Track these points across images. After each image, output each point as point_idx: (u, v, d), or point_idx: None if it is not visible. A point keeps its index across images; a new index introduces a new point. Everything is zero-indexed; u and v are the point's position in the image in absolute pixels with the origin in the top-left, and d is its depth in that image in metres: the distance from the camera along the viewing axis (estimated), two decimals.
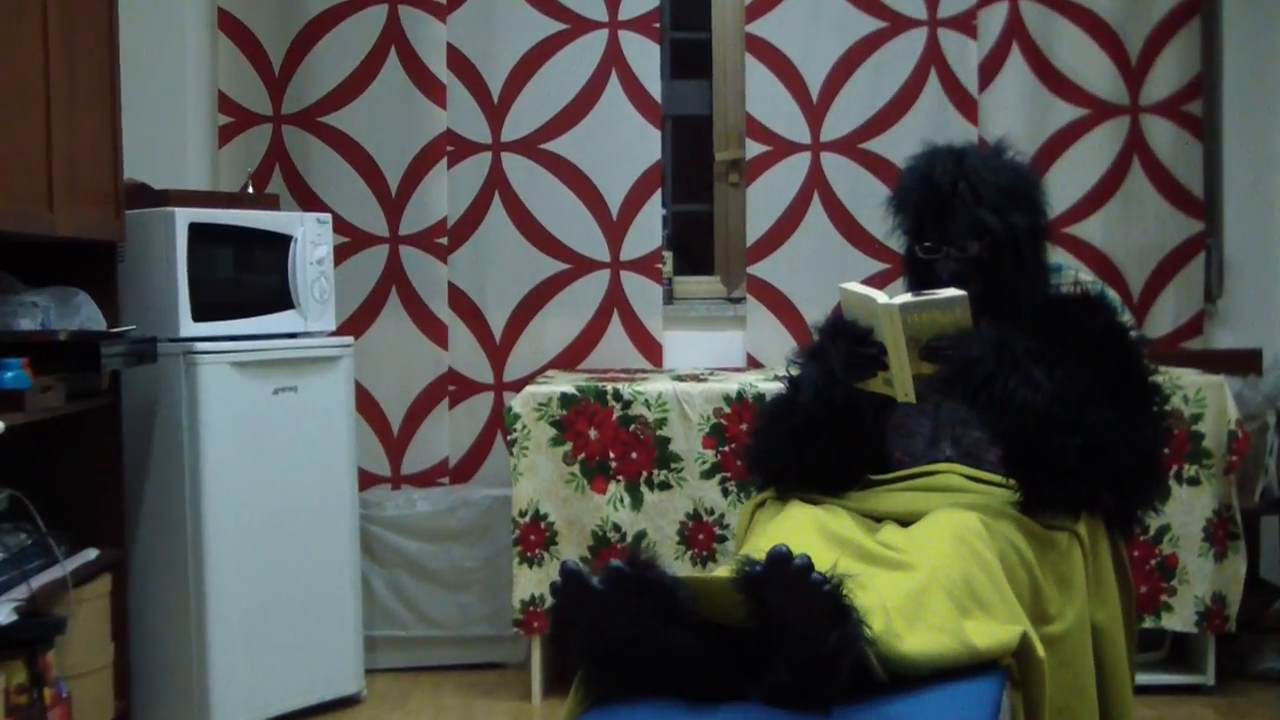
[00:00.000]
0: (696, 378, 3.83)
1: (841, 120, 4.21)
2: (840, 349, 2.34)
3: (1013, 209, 2.45)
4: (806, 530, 2.21)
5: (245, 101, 4.23)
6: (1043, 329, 2.40)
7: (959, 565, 2.07)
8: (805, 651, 1.82)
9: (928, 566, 2.06)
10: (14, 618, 2.74)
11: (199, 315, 3.39)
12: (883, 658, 1.86)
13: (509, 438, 3.67)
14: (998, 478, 2.42)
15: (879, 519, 2.36)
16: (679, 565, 3.62)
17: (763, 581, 1.82)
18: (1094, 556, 2.31)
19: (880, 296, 2.27)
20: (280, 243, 3.59)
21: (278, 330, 3.59)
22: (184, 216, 3.37)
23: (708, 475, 3.63)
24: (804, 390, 2.43)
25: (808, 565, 1.79)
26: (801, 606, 1.80)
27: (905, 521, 2.30)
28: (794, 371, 2.50)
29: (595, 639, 1.95)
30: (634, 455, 3.64)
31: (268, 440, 3.49)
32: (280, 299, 3.59)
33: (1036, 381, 2.23)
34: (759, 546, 1.97)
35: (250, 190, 3.80)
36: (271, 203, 3.78)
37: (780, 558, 1.79)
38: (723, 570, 2.02)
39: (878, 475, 2.54)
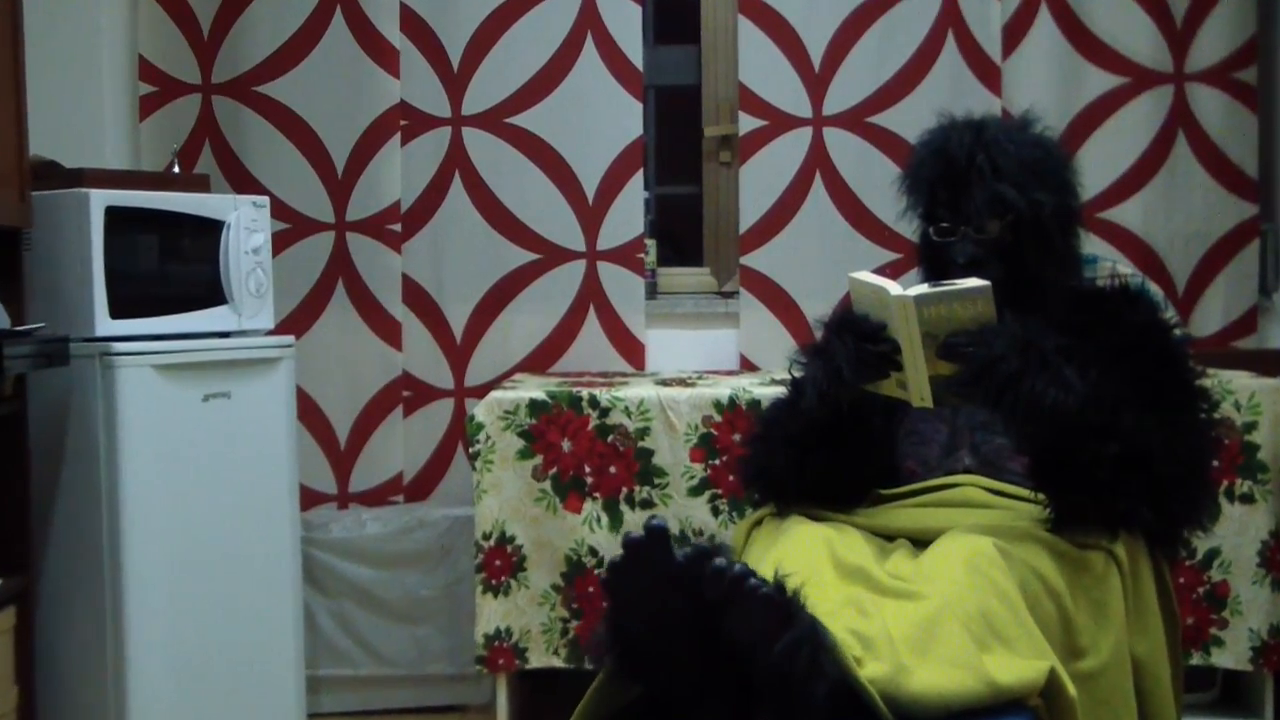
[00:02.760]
0: (683, 382, 3.83)
1: (846, 91, 4.22)
2: (848, 346, 2.33)
3: (1037, 185, 2.46)
4: (815, 552, 2.21)
5: (170, 68, 4.22)
6: (1074, 325, 2.40)
7: (974, 597, 2.07)
8: (766, 672, 1.88)
9: (940, 596, 2.06)
10: None
11: (118, 311, 3.37)
12: (888, 696, 1.86)
13: (471, 450, 3.66)
14: (1023, 491, 2.42)
15: (890, 538, 2.36)
16: None
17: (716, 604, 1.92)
18: (1134, 581, 2.30)
19: (893, 287, 2.27)
20: (211, 229, 3.58)
21: (208, 329, 3.57)
22: (100, 199, 3.35)
23: (696, 492, 3.62)
24: (806, 393, 2.42)
25: (744, 571, 1.89)
26: (748, 619, 1.89)
27: (919, 541, 2.30)
28: (796, 373, 2.49)
29: (643, 621, 1.99)
30: (612, 469, 3.63)
31: (196, 453, 3.47)
32: (211, 293, 3.58)
33: (1067, 382, 2.23)
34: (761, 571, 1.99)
35: (176, 169, 3.79)
36: (201, 184, 3.77)
37: (718, 570, 1.90)
38: None
39: (888, 489, 2.53)
